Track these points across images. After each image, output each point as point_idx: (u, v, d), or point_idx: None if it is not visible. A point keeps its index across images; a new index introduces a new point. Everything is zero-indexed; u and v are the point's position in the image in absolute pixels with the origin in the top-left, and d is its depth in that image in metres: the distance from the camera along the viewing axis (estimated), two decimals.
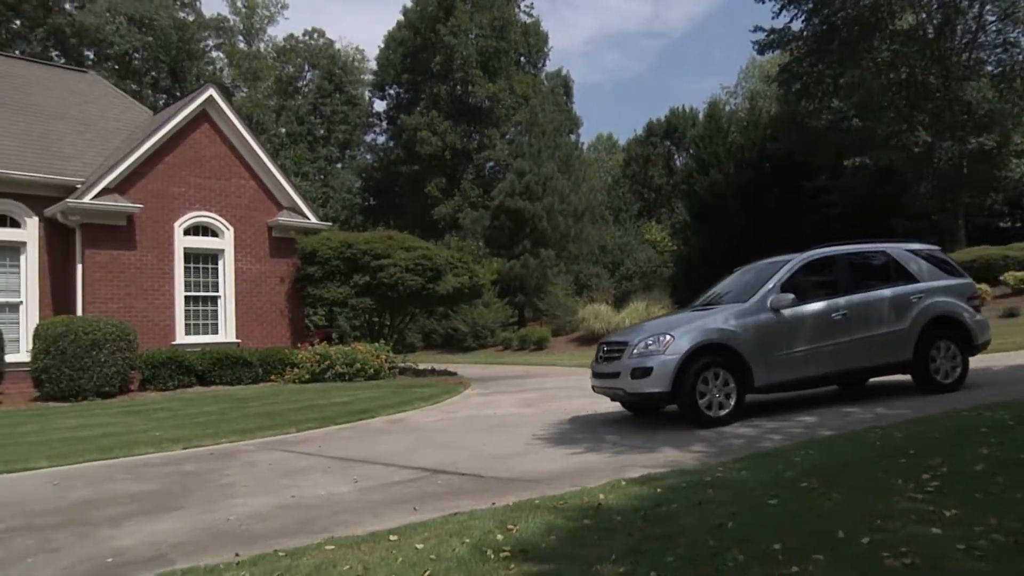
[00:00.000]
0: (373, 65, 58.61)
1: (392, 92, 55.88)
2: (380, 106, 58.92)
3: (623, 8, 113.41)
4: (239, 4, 62.90)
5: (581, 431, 9.50)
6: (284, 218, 20.31)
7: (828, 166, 33.85)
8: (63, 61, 45.87)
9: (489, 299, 37.14)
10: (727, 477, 6.07)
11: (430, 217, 48.13)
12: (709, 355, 9.09)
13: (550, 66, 60.54)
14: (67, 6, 50.96)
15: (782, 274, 9.86)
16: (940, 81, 31.34)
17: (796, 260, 10.14)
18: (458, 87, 51.40)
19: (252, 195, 20.05)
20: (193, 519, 6.12)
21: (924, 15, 32.05)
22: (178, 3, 55.01)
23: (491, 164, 51.85)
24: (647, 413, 10.47)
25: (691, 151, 53.72)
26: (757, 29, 35.02)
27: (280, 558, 4.78)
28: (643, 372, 9.15)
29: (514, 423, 10.72)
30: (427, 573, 4.24)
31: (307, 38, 61.54)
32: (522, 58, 55.02)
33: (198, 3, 57.04)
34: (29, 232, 17.72)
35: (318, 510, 6.20)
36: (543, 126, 44.48)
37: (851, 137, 32.12)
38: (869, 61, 32.12)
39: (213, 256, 19.40)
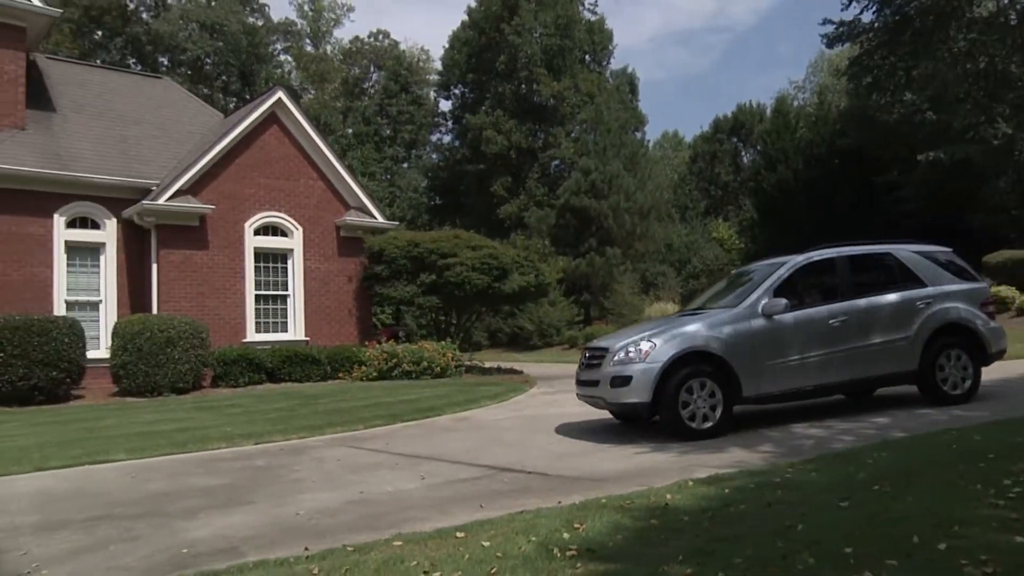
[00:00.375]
0: (438, 65, 59.04)
1: (457, 92, 56.16)
2: (445, 106, 59.33)
3: (687, 4, 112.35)
4: (306, 8, 63.91)
5: (647, 430, 9.41)
6: (352, 218, 20.58)
7: (900, 161, 33.06)
8: (140, 68, 47.20)
9: (555, 298, 37.08)
10: (796, 478, 5.97)
11: (496, 216, 48.25)
12: (693, 363, 8.54)
13: (615, 64, 60.36)
14: (143, 15, 52.42)
15: (776, 277, 9.32)
16: (1022, 70, 30.27)
17: (792, 262, 9.62)
18: (523, 86, 51.43)
19: (320, 195, 20.37)
20: (263, 513, 6.22)
21: (1006, 1, 30.96)
22: (247, 9, 56.10)
23: (556, 163, 51.78)
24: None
25: (758, 147, 52.99)
26: (826, 22, 34.28)
27: (348, 553, 4.81)
28: (622, 381, 8.67)
29: (580, 421, 10.70)
30: (493, 570, 4.24)
31: (372, 40, 62.25)
32: (587, 56, 54.81)
33: (267, 8, 58.17)
34: (108, 233, 18.28)
35: (385, 506, 6.25)
36: (608, 124, 44.26)
37: (925, 130, 31.29)
38: (944, 51, 31.15)
39: (282, 255, 19.76)
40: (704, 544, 4.38)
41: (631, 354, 8.70)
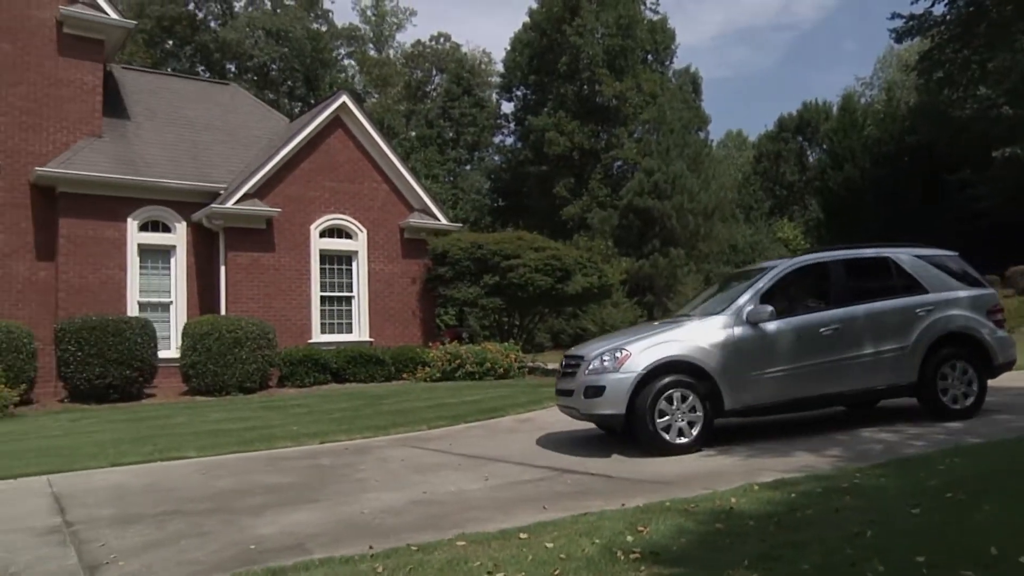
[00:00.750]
0: (500, 67, 59.15)
1: (519, 93, 56.23)
2: (508, 108, 59.41)
3: (751, 2, 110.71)
4: (369, 13, 64.65)
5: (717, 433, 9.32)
6: (415, 220, 20.77)
7: (973, 157, 32.14)
8: (208, 75, 48.27)
9: (618, 299, 36.86)
10: (865, 484, 5.85)
11: (558, 217, 48.17)
12: (672, 373, 8.07)
13: (677, 63, 59.59)
14: (212, 24, 53.61)
15: (763, 283, 8.80)
16: None
17: (780, 267, 9.14)
18: (585, 87, 51.25)
19: (384, 198, 20.60)
20: (329, 511, 6.30)
21: None
22: (312, 15, 56.96)
23: (619, 163, 51.50)
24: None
25: (824, 146, 52.07)
26: (895, 16, 33.42)
27: (412, 552, 4.85)
28: (595, 391, 8.21)
29: None
30: (557, 572, 4.24)
31: (434, 43, 62.70)
32: (649, 56, 54.42)
33: (331, 14, 58.97)
34: (178, 236, 18.75)
35: (449, 506, 6.28)
36: (671, 124, 43.90)
37: (1000, 126, 30.36)
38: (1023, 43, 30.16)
39: (347, 257, 20.04)
40: (770, 549, 4.33)
41: (606, 363, 8.26)
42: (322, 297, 19.48)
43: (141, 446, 9.60)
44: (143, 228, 18.39)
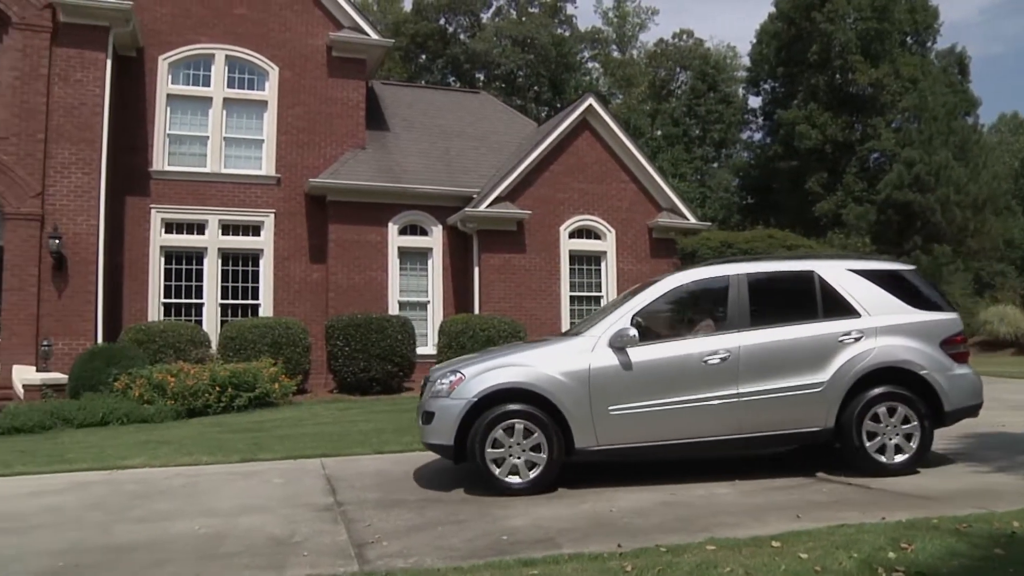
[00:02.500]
0: (745, 61, 57.57)
1: (767, 87, 54.46)
2: (755, 102, 57.69)
3: None
4: (611, 15, 64.99)
5: (991, 446, 8.44)
6: (664, 219, 20.59)
7: None
8: (459, 85, 50.50)
9: None
10: None
11: (810, 214, 46.17)
12: (512, 402, 6.94)
13: (941, 43, 55.17)
14: (461, 36, 56.08)
15: (641, 300, 7.42)
16: None
17: (666, 282, 7.67)
18: (837, 76, 48.71)
19: (632, 198, 20.58)
20: (577, 507, 6.36)
21: None
22: (555, 20, 58.07)
23: (876, 155, 48.50)
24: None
25: None
26: None
27: (661, 553, 4.81)
28: (427, 417, 7.25)
29: None
30: None
31: (677, 40, 61.93)
32: (908, 38, 50.80)
33: (574, 19, 59.82)
34: (435, 239, 19.73)
35: (697, 509, 6.20)
36: (934, 110, 40.70)
37: None
38: None
39: (596, 257, 20.21)
40: None
41: (441, 386, 7.23)
42: (571, 297, 19.76)
43: (401, 436, 10.22)
44: (402, 232, 19.51)
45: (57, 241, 15.69)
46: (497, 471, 6.89)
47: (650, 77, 60.60)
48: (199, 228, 18.44)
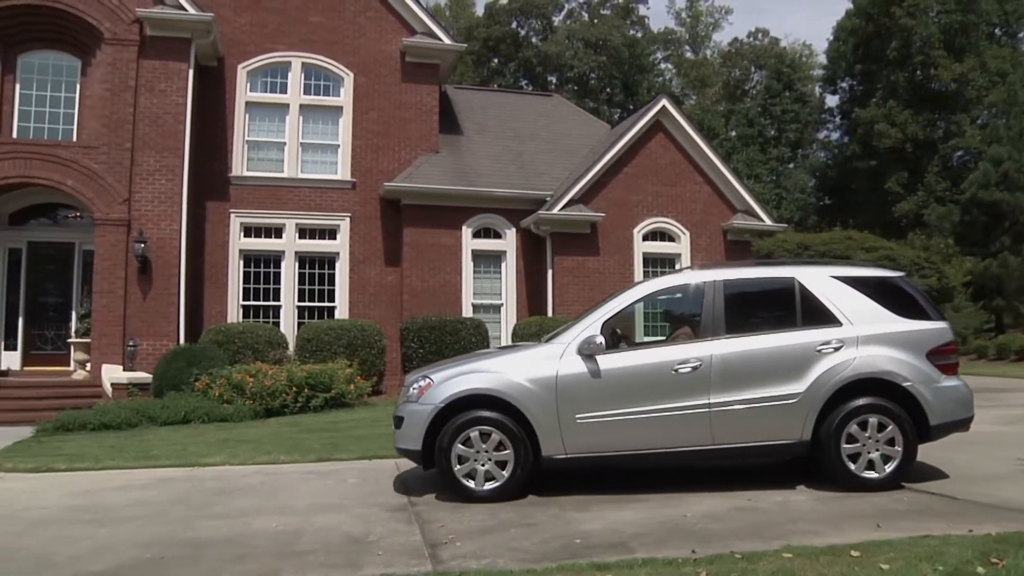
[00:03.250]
0: (822, 59, 56.46)
1: (844, 85, 53.32)
2: (832, 101, 56.55)
3: None
4: (684, 15, 64.37)
5: None
6: (739, 221, 20.27)
7: None
8: (531, 88, 50.56)
9: (960, 302, 33.68)
10: None
11: (890, 215, 45.02)
12: (478, 408, 6.94)
13: None
14: (533, 39, 56.16)
15: (611, 307, 7.35)
16: None
17: (639, 288, 7.63)
18: (918, 72, 47.39)
19: (706, 200, 20.31)
20: (652, 512, 6.33)
21: None
22: (628, 22, 57.75)
23: (959, 153, 47.02)
24: None
25: None
26: None
27: (736, 560, 4.77)
28: (397, 422, 7.34)
29: (992, 441, 9.44)
30: None
31: (751, 40, 61.01)
32: (996, 29, 49.17)
33: (646, 20, 59.42)
34: (508, 242, 19.75)
35: (773, 515, 6.10)
36: None
37: None
38: None
39: (670, 260, 19.99)
40: None
41: (412, 391, 7.29)
42: None
43: None
44: (476, 235, 19.57)
45: (142, 245, 16.20)
46: (463, 477, 6.92)
47: (724, 77, 59.92)
48: (277, 232, 18.81)
